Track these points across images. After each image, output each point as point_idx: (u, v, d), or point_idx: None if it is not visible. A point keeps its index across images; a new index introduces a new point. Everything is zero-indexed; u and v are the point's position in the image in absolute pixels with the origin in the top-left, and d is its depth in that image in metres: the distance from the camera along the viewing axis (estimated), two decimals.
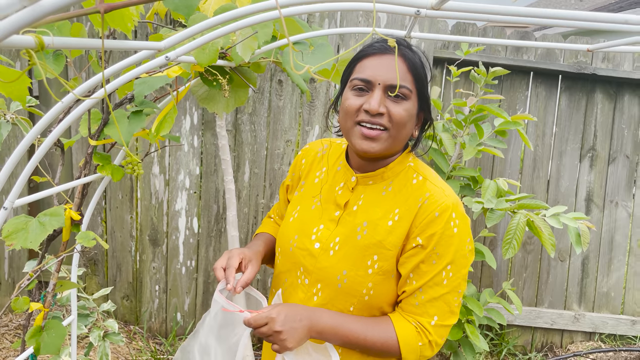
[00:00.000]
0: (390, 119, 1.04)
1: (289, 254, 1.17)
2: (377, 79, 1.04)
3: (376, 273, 1.07)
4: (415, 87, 1.06)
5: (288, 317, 1.00)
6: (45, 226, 1.18)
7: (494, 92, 2.94)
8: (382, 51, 1.05)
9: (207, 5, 1.31)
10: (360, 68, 1.07)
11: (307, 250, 1.13)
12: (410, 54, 1.06)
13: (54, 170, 2.83)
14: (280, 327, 0.98)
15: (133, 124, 1.19)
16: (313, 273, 1.12)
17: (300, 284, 1.15)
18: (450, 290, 1.06)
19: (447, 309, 1.07)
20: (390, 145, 1.07)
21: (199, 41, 0.87)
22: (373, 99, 1.03)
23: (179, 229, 2.97)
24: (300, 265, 1.14)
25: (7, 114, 1.40)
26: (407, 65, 1.05)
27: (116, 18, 0.69)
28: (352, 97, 1.07)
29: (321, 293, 1.11)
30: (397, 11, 0.87)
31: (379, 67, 1.04)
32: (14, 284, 2.97)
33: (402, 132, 1.07)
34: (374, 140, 1.05)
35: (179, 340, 3.01)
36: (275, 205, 1.44)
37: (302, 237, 1.15)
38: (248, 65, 1.33)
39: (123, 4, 0.52)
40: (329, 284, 1.09)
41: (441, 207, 1.04)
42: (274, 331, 0.98)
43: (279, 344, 0.99)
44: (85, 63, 2.75)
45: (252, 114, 2.88)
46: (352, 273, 1.07)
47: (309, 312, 1.03)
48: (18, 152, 0.94)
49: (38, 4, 0.44)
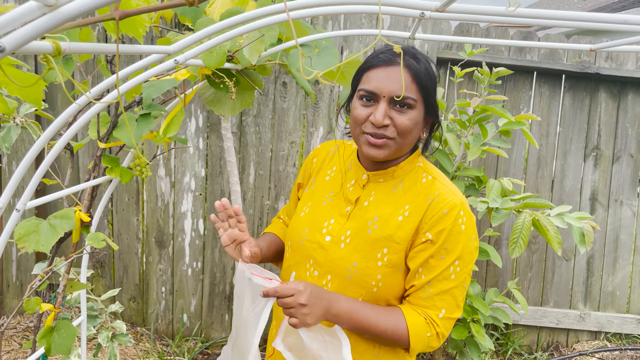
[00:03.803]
0: (395, 129, 1.09)
1: (299, 247, 1.22)
2: (382, 91, 1.08)
3: (385, 265, 1.11)
4: (420, 95, 1.09)
5: (313, 293, 1.03)
6: (56, 229, 1.19)
7: (498, 92, 2.95)
8: (387, 63, 1.09)
9: (213, 9, 1.33)
10: (367, 79, 1.11)
11: (317, 242, 1.18)
12: (414, 63, 1.08)
13: (59, 173, 2.85)
14: (305, 300, 1.01)
15: (141, 127, 1.21)
16: (323, 265, 1.16)
17: (309, 276, 1.19)
18: (458, 285, 1.11)
19: (454, 302, 1.12)
20: (397, 150, 1.13)
21: (207, 45, 0.89)
22: (378, 111, 1.07)
23: (185, 230, 2.99)
24: (310, 258, 1.18)
25: (16, 118, 1.43)
26: (412, 76, 1.08)
27: (129, 24, 0.71)
28: (359, 106, 1.12)
29: (331, 284, 1.15)
30: (402, 13, 0.89)
31: (383, 79, 1.08)
32: (22, 286, 3.00)
33: (407, 139, 1.12)
34: (380, 148, 1.10)
35: (186, 342, 3.02)
36: (285, 207, 1.49)
37: (313, 231, 1.20)
38: (254, 68, 1.35)
39: (137, 10, 0.53)
40: (339, 275, 1.14)
41: (450, 205, 1.09)
42: (298, 303, 1.00)
43: (300, 318, 1.01)
44: (90, 67, 2.78)
45: (256, 116, 2.90)
46: (362, 265, 1.11)
47: (329, 294, 1.08)
48: (30, 155, 0.96)
49: (57, 11, 0.46)
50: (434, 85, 1.12)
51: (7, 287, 3.01)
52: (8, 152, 1.46)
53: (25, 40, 0.47)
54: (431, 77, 1.10)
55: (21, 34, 0.47)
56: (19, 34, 0.47)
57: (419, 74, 1.08)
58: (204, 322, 3.07)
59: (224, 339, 3.07)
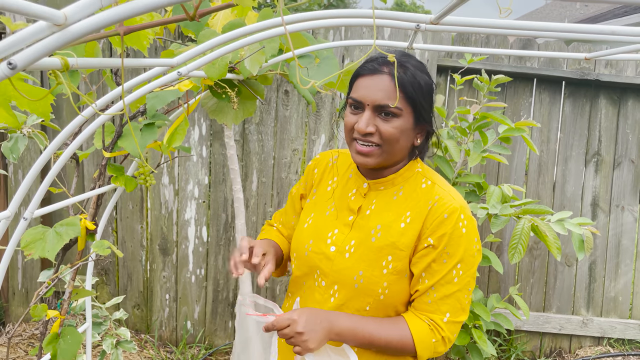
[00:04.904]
0: (380, 136, 1.11)
1: (304, 258, 1.23)
2: (366, 99, 1.10)
3: (390, 273, 1.13)
4: (407, 104, 1.10)
5: (309, 319, 1.05)
6: (61, 236, 1.22)
7: (498, 99, 2.97)
8: (373, 72, 1.11)
9: (216, 21, 1.36)
10: (355, 87, 1.14)
11: (323, 253, 1.19)
12: (400, 72, 1.10)
13: (65, 182, 2.88)
14: (302, 328, 1.03)
15: (146, 136, 1.23)
16: (330, 275, 1.18)
17: (317, 286, 1.21)
18: (461, 288, 1.13)
19: (458, 306, 1.13)
20: (386, 158, 1.14)
21: (210, 57, 0.92)
22: (362, 119, 1.10)
23: (189, 238, 3.01)
24: (317, 269, 1.20)
25: (24, 128, 1.45)
26: (398, 84, 1.09)
27: (133, 38, 0.74)
28: (349, 114, 1.15)
29: (338, 294, 1.17)
30: (399, 26, 0.91)
31: (369, 87, 1.10)
32: (27, 294, 3.02)
33: (395, 147, 1.13)
34: (367, 156, 1.13)
35: (189, 349, 3.04)
36: (277, 213, 1.49)
37: (317, 242, 1.21)
38: (255, 78, 1.38)
39: (141, 26, 0.56)
40: (346, 285, 1.15)
41: (450, 209, 1.11)
42: (296, 332, 1.04)
43: (301, 345, 1.04)
44: (95, 78, 2.82)
45: (259, 123, 2.93)
46: (368, 273, 1.13)
47: (327, 314, 1.10)
48: (37, 166, 0.99)
49: (66, 30, 0.49)
50: (423, 93, 1.12)
51: (13, 294, 3.03)
52: (15, 161, 1.48)
53: (35, 58, 0.49)
54: (419, 85, 1.11)
55: (32, 52, 0.49)
56: (29, 51, 0.49)
57: (405, 83, 1.09)
58: (207, 329, 3.09)
59: (228, 346, 3.08)
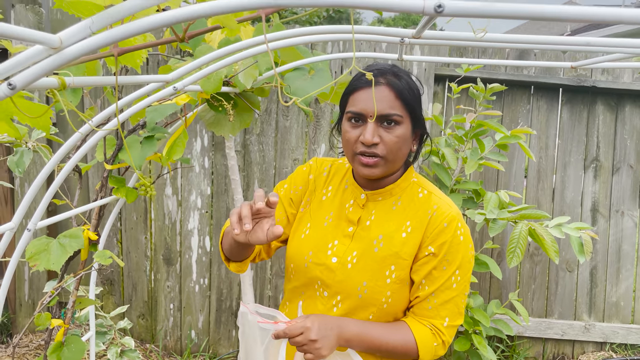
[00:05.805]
0: (384, 146, 1.13)
1: (303, 270, 1.24)
2: (368, 111, 1.13)
3: (394, 282, 1.16)
4: (406, 110, 1.14)
5: (321, 326, 1.06)
6: (65, 247, 1.25)
7: (496, 106, 3.00)
8: (370, 84, 1.14)
9: (214, 36, 1.41)
10: (353, 101, 1.16)
11: (324, 265, 1.20)
12: (396, 81, 1.13)
13: (69, 194, 2.93)
14: (315, 335, 1.04)
15: (146, 149, 1.27)
16: (332, 286, 1.19)
17: (319, 296, 1.22)
18: (459, 293, 1.17)
19: (456, 310, 1.17)
20: (390, 167, 1.17)
21: (204, 72, 0.96)
22: (367, 131, 1.12)
23: (192, 248, 3.05)
24: (318, 279, 1.21)
25: (28, 142, 1.50)
26: (395, 93, 1.12)
27: (127, 57, 0.78)
28: (349, 128, 1.16)
29: (342, 304, 1.19)
30: (384, 40, 0.96)
31: (368, 100, 1.13)
32: (34, 305, 3.06)
33: (398, 155, 1.16)
34: (373, 167, 1.15)
35: (194, 358, 3.07)
36: None
37: (318, 253, 1.22)
38: (252, 90, 1.42)
39: (134, 47, 0.60)
40: (350, 295, 1.17)
41: (448, 218, 1.16)
42: (309, 340, 1.04)
43: (314, 353, 1.05)
44: (100, 91, 2.87)
45: (260, 134, 2.98)
46: (372, 283, 1.16)
47: (337, 320, 1.11)
48: (40, 178, 1.03)
49: (62, 53, 0.53)
50: (417, 99, 1.16)
51: (20, 306, 3.07)
52: (21, 175, 1.53)
53: (34, 79, 0.53)
54: (414, 91, 1.15)
55: (30, 73, 0.53)
56: (28, 73, 0.53)
57: (402, 91, 1.12)
58: (211, 338, 3.11)
59: (232, 354, 3.11)
